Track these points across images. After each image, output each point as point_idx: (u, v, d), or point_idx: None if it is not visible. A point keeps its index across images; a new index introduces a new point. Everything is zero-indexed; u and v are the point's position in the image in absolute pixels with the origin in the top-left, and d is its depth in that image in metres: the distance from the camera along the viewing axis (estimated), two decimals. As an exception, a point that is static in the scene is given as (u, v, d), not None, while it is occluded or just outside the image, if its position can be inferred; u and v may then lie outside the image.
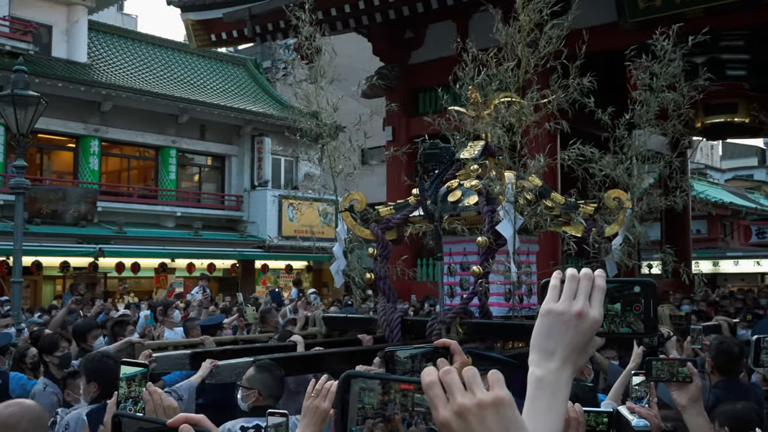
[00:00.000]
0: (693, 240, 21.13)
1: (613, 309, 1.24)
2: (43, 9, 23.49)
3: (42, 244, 19.17)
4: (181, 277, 23.69)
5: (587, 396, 3.50)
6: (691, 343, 5.68)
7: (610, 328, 1.24)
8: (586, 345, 1.19)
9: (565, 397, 1.16)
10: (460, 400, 0.99)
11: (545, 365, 1.17)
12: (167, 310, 8.55)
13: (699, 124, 16.21)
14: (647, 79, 6.68)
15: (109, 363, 4.15)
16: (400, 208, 7.36)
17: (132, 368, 1.81)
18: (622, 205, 6.93)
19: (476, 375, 1.02)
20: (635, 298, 1.24)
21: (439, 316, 6.15)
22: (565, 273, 1.23)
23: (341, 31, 14.30)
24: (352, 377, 1.06)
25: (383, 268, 7.19)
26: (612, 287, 1.23)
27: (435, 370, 1.02)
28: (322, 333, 7.50)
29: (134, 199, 24.16)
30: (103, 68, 24.67)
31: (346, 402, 1.05)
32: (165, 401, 1.82)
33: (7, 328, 7.62)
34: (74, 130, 22.60)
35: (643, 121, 6.73)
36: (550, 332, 1.19)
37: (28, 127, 9.74)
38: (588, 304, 1.18)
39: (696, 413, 2.31)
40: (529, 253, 7.41)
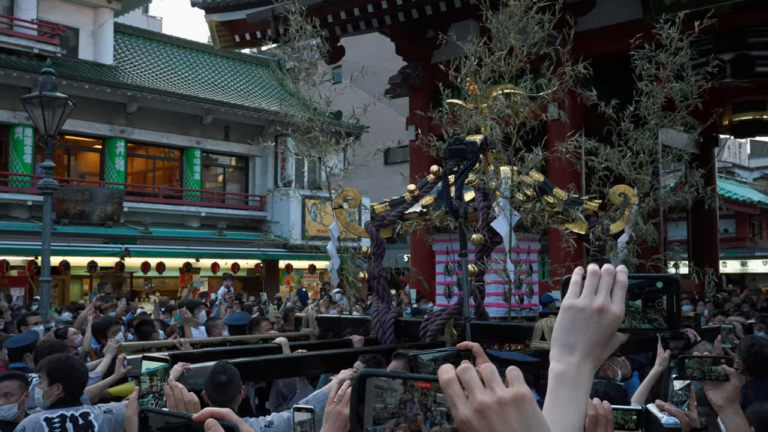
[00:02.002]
0: (721, 239, 20.91)
1: (635, 305, 1.23)
2: (70, 12, 23.78)
3: (69, 244, 19.40)
4: (205, 276, 23.85)
5: (619, 394, 3.47)
6: (722, 342, 5.61)
7: (632, 324, 1.23)
8: (607, 340, 1.18)
9: (586, 391, 1.16)
10: (480, 398, 0.98)
11: (566, 359, 1.17)
12: (193, 309, 8.60)
13: (727, 122, 16.03)
14: (653, 70, 6.40)
15: (76, 365, 4.06)
16: (396, 204, 7.11)
17: (154, 363, 1.81)
18: (628, 201, 6.68)
19: (494, 372, 1.00)
20: (657, 294, 1.23)
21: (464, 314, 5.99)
22: (587, 268, 1.21)
23: (364, 31, 14.31)
24: (367, 376, 1.05)
25: (377, 267, 6.92)
26: (634, 283, 1.22)
27: (452, 367, 1.00)
28: (316, 334, 7.29)
29: (159, 199, 24.37)
30: (128, 70, 24.90)
31: (362, 402, 1.04)
32: (186, 396, 1.82)
33: (36, 326, 7.70)
34: (100, 132, 22.84)
35: (649, 113, 6.46)
36: (571, 327, 1.18)
37: (55, 129, 9.86)
38: (609, 299, 1.18)
39: (733, 413, 2.27)
40: (530, 252, 7.13)
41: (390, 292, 7.15)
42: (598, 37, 12.07)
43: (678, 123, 6.48)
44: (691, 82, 6.38)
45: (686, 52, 6.33)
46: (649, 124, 6.41)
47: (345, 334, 6.73)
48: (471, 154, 5.28)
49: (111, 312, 10.32)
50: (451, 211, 5.12)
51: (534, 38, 6.19)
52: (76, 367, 4.05)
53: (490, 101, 6.46)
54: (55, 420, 3.84)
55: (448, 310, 6.35)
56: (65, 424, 3.85)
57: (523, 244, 6.83)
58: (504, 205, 6.05)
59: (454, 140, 5.38)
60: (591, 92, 6.49)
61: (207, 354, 5.46)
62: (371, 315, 6.89)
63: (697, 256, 18.34)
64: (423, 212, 6.71)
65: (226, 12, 14.71)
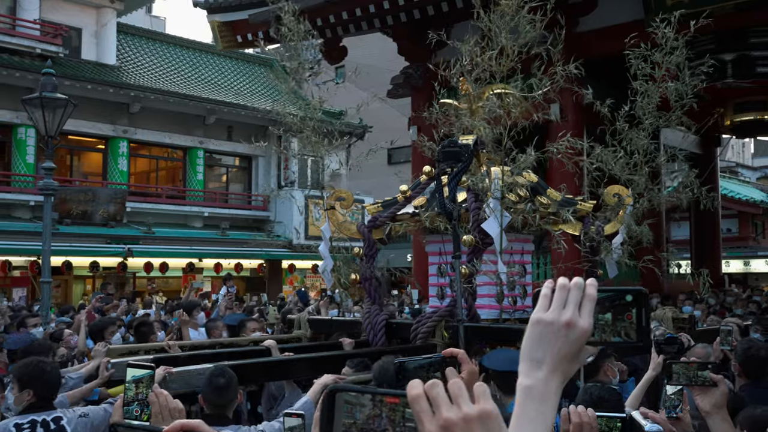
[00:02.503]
0: (723, 239, 20.88)
1: (604, 318, 1.23)
2: (72, 12, 23.80)
3: (72, 244, 19.45)
4: (208, 276, 23.87)
5: (614, 398, 3.44)
6: (721, 344, 5.59)
7: (602, 338, 1.23)
8: (575, 354, 1.18)
9: (553, 406, 1.15)
10: (446, 414, 0.98)
11: (534, 374, 1.16)
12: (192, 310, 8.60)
13: (728, 122, 15.99)
14: (648, 69, 6.33)
15: (47, 369, 4.00)
16: (388, 205, 7.04)
17: (139, 371, 1.81)
18: (622, 201, 6.59)
19: (462, 388, 1.01)
20: (627, 307, 1.23)
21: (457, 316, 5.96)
22: (556, 282, 1.21)
23: (366, 31, 14.30)
24: (336, 391, 1.04)
25: (369, 269, 6.85)
26: (603, 296, 1.22)
27: (420, 383, 1.00)
28: (307, 336, 7.22)
29: (162, 199, 24.39)
30: (131, 70, 24.92)
31: (331, 417, 1.04)
32: (171, 403, 1.82)
33: (36, 328, 7.71)
34: (103, 132, 22.87)
35: (644, 113, 6.36)
36: (539, 341, 1.18)
37: (56, 129, 9.86)
38: (578, 313, 1.18)
39: (720, 419, 2.27)
40: (523, 253, 7.02)
41: (382, 294, 7.09)
42: (599, 38, 12.05)
43: (674, 123, 6.37)
44: (687, 81, 6.30)
45: (682, 51, 6.26)
46: (643, 123, 6.34)
47: (336, 336, 6.66)
48: (465, 156, 5.25)
49: (112, 313, 10.34)
50: (445, 213, 5.10)
51: (525, 37, 6.11)
52: (47, 371, 3.98)
53: (484, 101, 6.41)
54: (24, 425, 3.79)
55: (439, 312, 6.28)
56: (35, 429, 3.80)
57: (516, 245, 6.75)
58: (494, 206, 5.96)
59: (448, 142, 5.35)
60: (587, 91, 6.43)
61: (193, 357, 5.39)
62: (362, 317, 6.81)
63: (699, 255, 18.32)
64: (415, 213, 6.64)
65: (228, 12, 14.72)
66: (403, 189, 6.95)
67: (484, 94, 6.42)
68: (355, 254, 7.06)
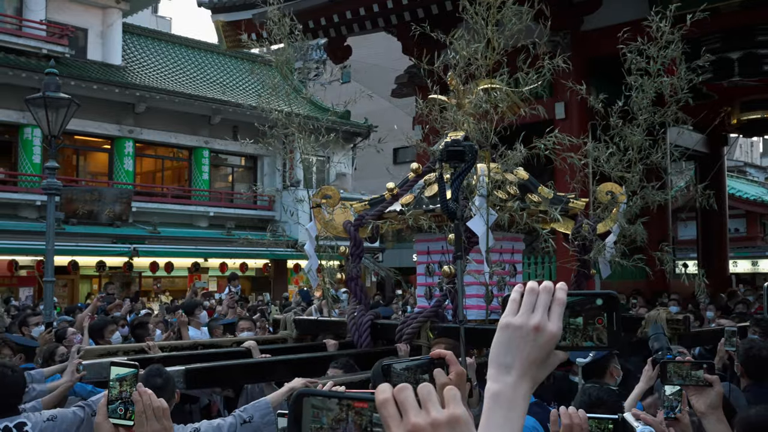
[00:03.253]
0: (731, 239, 20.77)
1: (575, 323, 1.21)
2: (78, 13, 23.87)
3: (78, 244, 19.50)
4: (214, 276, 23.89)
5: (612, 399, 3.40)
6: (725, 345, 5.55)
7: (574, 342, 1.21)
8: (544, 359, 1.16)
9: (522, 412, 1.13)
10: (413, 419, 0.96)
11: (502, 379, 1.14)
12: (193, 310, 8.58)
13: (735, 121, 15.90)
14: (643, 63, 6.20)
15: (8, 374, 3.91)
16: (376, 203, 6.88)
17: (123, 369, 1.79)
18: (615, 199, 6.43)
19: (431, 392, 0.99)
20: (598, 311, 1.21)
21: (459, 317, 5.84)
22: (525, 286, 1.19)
23: (370, 30, 14.28)
24: (304, 396, 1.03)
25: (355, 268, 6.68)
26: (573, 300, 1.20)
27: (389, 386, 0.99)
28: (293, 337, 7.05)
29: (168, 199, 24.44)
30: (137, 70, 24.97)
31: (299, 422, 1.02)
32: (155, 401, 1.80)
33: (37, 326, 7.71)
34: (109, 132, 22.92)
35: (639, 108, 6.22)
36: (507, 346, 1.16)
37: (59, 129, 9.87)
38: (546, 317, 1.16)
39: (716, 420, 2.24)
40: (514, 252, 6.82)
41: (368, 294, 6.90)
42: (605, 36, 11.98)
43: (669, 118, 6.24)
44: (682, 76, 6.17)
45: (677, 45, 6.13)
46: (638, 119, 6.22)
47: (322, 337, 6.53)
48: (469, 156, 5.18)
49: (116, 312, 10.34)
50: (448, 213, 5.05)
51: (511, 29, 5.97)
52: (8, 376, 3.89)
53: (474, 97, 6.27)
54: None
55: (425, 312, 6.15)
56: None
57: (506, 244, 6.61)
58: (480, 203, 5.80)
59: (452, 142, 5.29)
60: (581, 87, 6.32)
61: (168, 359, 5.28)
62: (347, 317, 6.62)
63: (706, 255, 18.24)
64: (402, 211, 6.50)
65: (232, 12, 14.72)
66: (390, 187, 6.82)
67: (475, 89, 6.29)
68: (341, 253, 6.94)
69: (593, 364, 4.38)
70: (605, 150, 6.26)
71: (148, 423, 1.75)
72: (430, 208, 6.33)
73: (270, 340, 7.08)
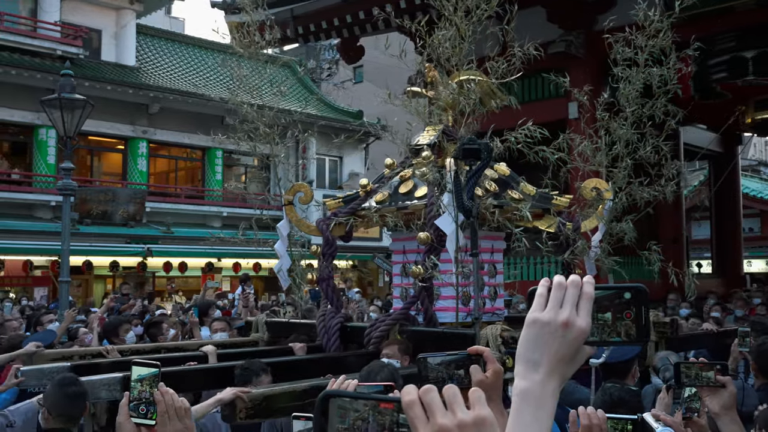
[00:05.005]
0: (745, 239, 20.64)
1: (603, 318, 1.19)
2: (92, 14, 24.00)
3: (92, 244, 19.60)
4: (227, 276, 23.95)
5: (634, 400, 3.40)
6: (739, 345, 5.52)
7: (602, 337, 1.20)
8: (573, 355, 1.15)
9: (551, 409, 1.12)
10: (440, 421, 0.96)
11: (530, 376, 1.13)
12: (207, 310, 8.62)
13: (749, 120, 15.82)
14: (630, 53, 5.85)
15: None
16: (350, 200, 6.58)
17: (144, 369, 1.81)
18: (601, 196, 6.13)
19: (457, 394, 0.99)
20: (626, 305, 1.19)
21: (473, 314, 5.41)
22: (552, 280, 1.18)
23: (383, 30, 14.27)
24: (330, 396, 1.02)
25: (327, 268, 6.37)
26: (602, 295, 1.18)
27: (414, 388, 0.99)
28: (264, 339, 6.79)
29: (181, 199, 24.53)
30: (150, 71, 25.08)
31: (324, 424, 1.02)
32: (176, 402, 1.81)
33: (51, 324, 7.77)
34: (123, 132, 23.05)
35: (627, 100, 5.89)
36: (536, 342, 1.15)
37: (75, 130, 9.94)
38: (575, 313, 1.14)
39: (729, 420, 2.24)
40: (493, 251, 6.45)
41: (340, 295, 6.60)
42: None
43: (659, 111, 5.88)
44: (671, 66, 5.85)
45: (666, 34, 5.83)
46: (625, 112, 5.92)
47: (293, 339, 6.22)
48: (485, 153, 5.06)
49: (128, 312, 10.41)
50: (463, 210, 4.96)
51: (479, 16, 5.68)
52: None
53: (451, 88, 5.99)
54: None
55: (393, 315, 5.88)
56: None
57: (485, 242, 6.23)
58: (448, 201, 5.49)
59: (468, 139, 5.18)
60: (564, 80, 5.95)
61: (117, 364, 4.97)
62: (317, 320, 6.30)
63: (720, 255, 18.14)
64: (376, 209, 6.21)
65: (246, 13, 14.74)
66: (364, 183, 6.58)
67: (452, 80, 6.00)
68: (312, 252, 6.64)
69: (618, 365, 4.34)
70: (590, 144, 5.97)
71: (170, 422, 1.77)
72: (404, 205, 6.05)
73: (240, 343, 6.78)
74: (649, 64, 5.88)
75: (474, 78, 6.04)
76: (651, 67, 5.87)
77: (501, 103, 6.36)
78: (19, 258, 19.82)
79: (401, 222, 5.99)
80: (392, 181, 6.34)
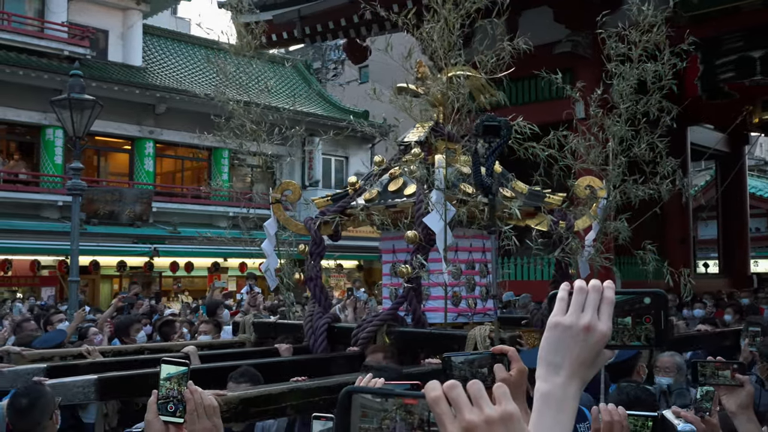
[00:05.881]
0: (752, 238, 20.60)
1: (623, 322, 1.21)
2: (99, 14, 24.06)
3: (99, 244, 19.64)
4: (233, 276, 23.97)
5: (649, 399, 3.41)
6: (749, 345, 5.52)
7: (622, 341, 1.21)
8: (594, 359, 1.16)
9: (572, 413, 1.14)
10: (468, 417, 0.97)
11: (552, 379, 1.15)
12: (216, 310, 8.64)
13: (757, 120, 15.78)
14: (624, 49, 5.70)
15: None
16: (338, 198, 6.46)
17: (173, 367, 1.82)
18: (595, 194, 5.99)
19: (482, 389, 0.99)
20: (646, 310, 1.21)
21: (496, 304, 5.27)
22: (573, 284, 1.19)
23: (390, 30, 14.28)
24: (353, 393, 1.02)
25: (315, 268, 6.24)
26: (622, 299, 1.20)
27: (438, 384, 0.99)
28: (252, 340, 6.66)
29: (188, 199, 24.56)
30: (157, 71, 25.13)
31: (347, 421, 1.01)
32: (205, 400, 1.83)
33: (61, 323, 7.80)
34: (129, 133, 23.09)
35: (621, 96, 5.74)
36: (557, 346, 1.16)
37: (84, 130, 9.98)
38: (596, 317, 1.16)
39: (746, 419, 2.24)
40: (485, 251, 6.26)
41: (328, 295, 6.48)
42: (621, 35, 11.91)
43: (653, 107, 5.67)
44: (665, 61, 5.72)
45: (661, 29, 5.72)
46: (618, 108, 5.77)
47: (280, 340, 6.09)
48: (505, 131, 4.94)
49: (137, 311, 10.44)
50: (482, 188, 4.85)
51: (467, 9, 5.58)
52: None
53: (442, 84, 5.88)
54: None
55: (380, 315, 5.72)
56: None
57: (476, 242, 6.13)
58: (436, 198, 5.35)
59: (488, 117, 5.07)
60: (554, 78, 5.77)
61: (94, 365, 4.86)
62: (304, 320, 6.17)
63: (727, 255, 18.11)
64: (365, 207, 6.06)
65: (253, 14, 14.78)
66: (352, 181, 6.48)
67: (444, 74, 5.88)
68: (300, 252, 6.56)
69: (620, 365, 4.35)
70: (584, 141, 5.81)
71: (199, 421, 1.78)
72: (394, 203, 5.93)
73: (226, 344, 6.72)
74: (644, 59, 5.76)
75: (463, 73, 5.94)
76: (645, 62, 5.76)
77: (491, 99, 6.27)
78: (27, 258, 19.88)
79: (388, 220, 5.86)
80: (382, 179, 6.24)
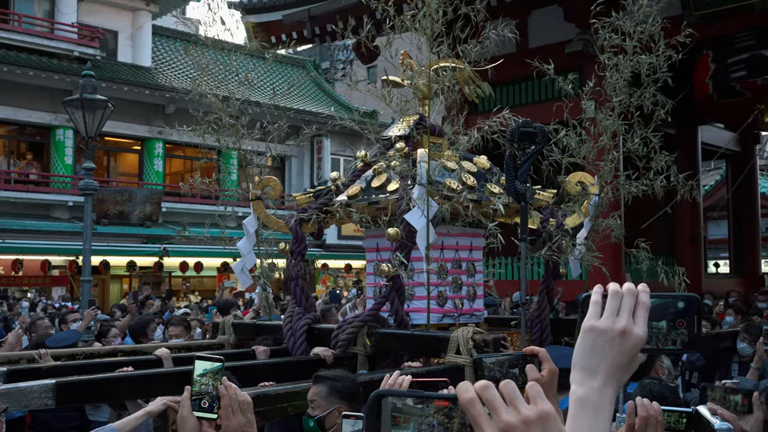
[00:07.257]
0: (763, 238, 20.50)
1: (658, 326, 1.21)
2: (109, 15, 24.15)
3: (109, 244, 19.72)
4: (243, 276, 24.00)
5: (673, 396, 3.42)
6: (764, 344, 5.50)
7: (657, 345, 1.22)
8: (629, 362, 1.16)
9: (609, 416, 1.13)
10: (505, 418, 0.96)
11: (588, 384, 1.14)
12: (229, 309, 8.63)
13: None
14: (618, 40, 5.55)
15: None
16: (320, 195, 6.28)
17: (208, 364, 1.83)
18: (587, 191, 5.86)
19: (515, 389, 0.99)
20: (680, 314, 1.22)
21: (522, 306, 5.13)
22: (608, 288, 1.18)
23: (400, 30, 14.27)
24: (383, 396, 1.01)
25: (296, 267, 6.09)
26: (657, 303, 1.20)
27: (471, 385, 0.98)
28: (231, 342, 6.47)
29: (197, 199, 24.59)
30: (166, 72, 25.19)
31: (377, 425, 1.01)
32: (240, 395, 1.84)
33: (74, 323, 7.84)
34: (139, 133, 23.16)
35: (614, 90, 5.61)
36: (593, 350, 1.16)
37: (96, 131, 10.01)
38: (632, 321, 1.15)
39: None
40: (472, 249, 6.09)
41: (309, 296, 6.26)
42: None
43: (648, 101, 5.56)
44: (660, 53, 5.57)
45: (656, 20, 5.58)
46: (611, 102, 5.66)
47: (259, 341, 5.88)
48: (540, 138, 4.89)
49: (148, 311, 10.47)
50: (515, 194, 4.81)
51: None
52: None
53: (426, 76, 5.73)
54: None
55: (361, 317, 5.53)
56: None
57: (463, 240, 5.96)
58: (419, 194, 5.17)
59: (523, 122, 5.01)
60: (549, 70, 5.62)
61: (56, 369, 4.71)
62: (283, 321, 5.94)
63: (738, 255, 18.02)
64: (347, 204, 5.86)
65: (262, 13, 14.82)
66: (334, 177, 6.28)
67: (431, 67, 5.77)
68: (281, 251, 6.38)
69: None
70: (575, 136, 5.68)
71: (234, 416, 1.78)
72: (377, 199, 5.75)
73: (204, 346, 6.53)
74: (638, 51, 5.64)
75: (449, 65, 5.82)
76: (640, 54, 5.64)
77: (478, 90, 6.19)
78: (37, 258, 19.96)
79: (368, 217, 5.64)
80: (365, 175, 6.07)
